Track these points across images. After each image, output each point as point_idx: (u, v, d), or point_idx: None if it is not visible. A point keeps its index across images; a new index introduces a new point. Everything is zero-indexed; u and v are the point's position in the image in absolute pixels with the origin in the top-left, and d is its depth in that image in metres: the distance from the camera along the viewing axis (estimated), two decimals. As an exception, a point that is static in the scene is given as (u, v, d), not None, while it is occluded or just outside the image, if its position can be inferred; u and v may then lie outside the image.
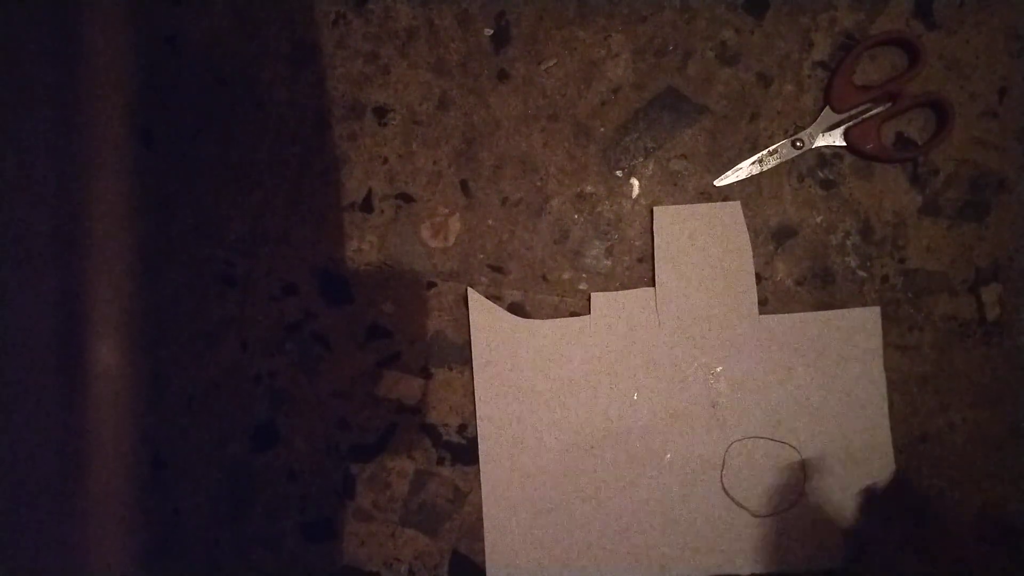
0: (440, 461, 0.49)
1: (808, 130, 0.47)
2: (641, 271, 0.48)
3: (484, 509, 0.48)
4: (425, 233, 0.49)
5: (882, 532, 0.46)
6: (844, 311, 0.47)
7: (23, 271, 0.50)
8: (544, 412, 0.48)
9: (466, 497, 0.49)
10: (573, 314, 0.48)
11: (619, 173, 0.49)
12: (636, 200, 0.48)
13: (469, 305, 0.48)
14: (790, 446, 0.47)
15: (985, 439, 0.47)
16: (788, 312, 0.47)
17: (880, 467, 0.46)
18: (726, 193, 0.48)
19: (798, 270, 0.47)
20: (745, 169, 0.48)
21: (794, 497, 0.46)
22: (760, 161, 0.47)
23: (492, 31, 0.49)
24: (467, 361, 0.49)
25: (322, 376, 0.50)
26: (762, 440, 0.47)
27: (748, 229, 0.47)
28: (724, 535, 0.47)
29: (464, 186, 0.49)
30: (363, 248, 0.50)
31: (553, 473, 0.48)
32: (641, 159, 0.49)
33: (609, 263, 0.48)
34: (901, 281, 0.47)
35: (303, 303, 0.50)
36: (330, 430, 0.50)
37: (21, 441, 0.49)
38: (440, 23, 0.50)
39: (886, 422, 0.46)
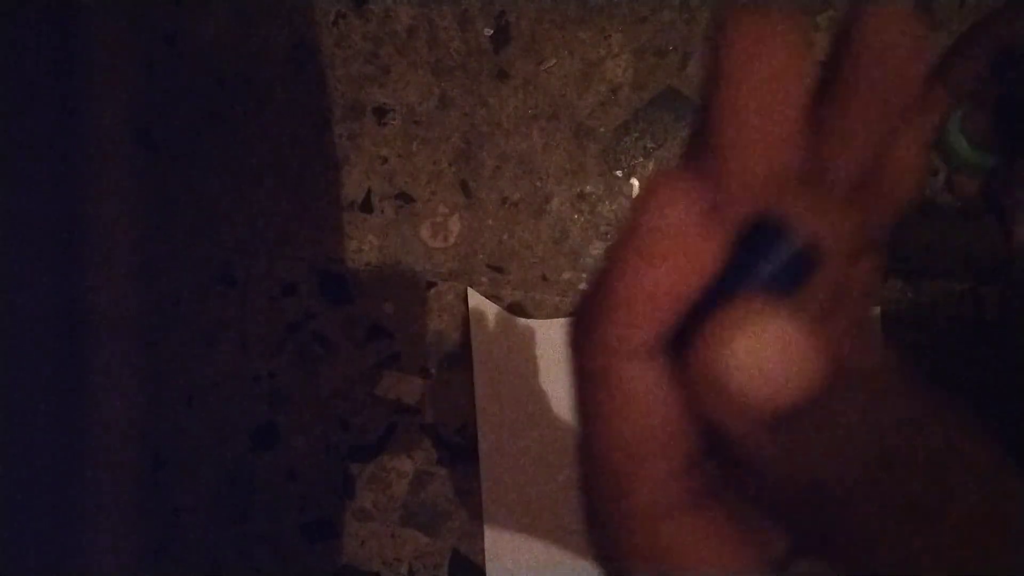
0: (440, 461, 0.49)
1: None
2: (641, 271, 0.48)
3: (484, 509, 0.48)
4: (425, 233, 0.49)
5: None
6: (844, 311, 0.47)
7: (23, 271, 0.50)
8: (544, 412, 0.48)
9: (466, 497, 0.49)
10: (573, 314, 0.48)
11: (619, 173, 0.49)
12: (636, 200, 0.48)
13: (469, 305, 0.48)
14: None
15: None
16: (788, 312, 0.47)
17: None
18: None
19: (798, 270, 0.47)
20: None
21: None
22: (760, 161, 0.47)
23: (492, 31, 0.49)
24: (467, 361, 0.49)
25: (322, 376, 0.50)
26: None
27: (748, 229, 0.47)
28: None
29: (464, 186, 0.49)
30: (363, 248, 0.50)
31: (553, 473, 0.48)
32: (641, 159, 0.49)
33: (609, 263, 0.48)
34: (901, 281, 0.47)
35: (303, 303, 0.50)
36: (330, 430, 0.50)
37: (21, 441, 0.49)
38: (440, 23, 0.50)
39: (886, 422, 0.46)
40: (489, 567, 0.48)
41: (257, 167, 0.51)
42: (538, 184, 0.49)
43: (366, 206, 0.50)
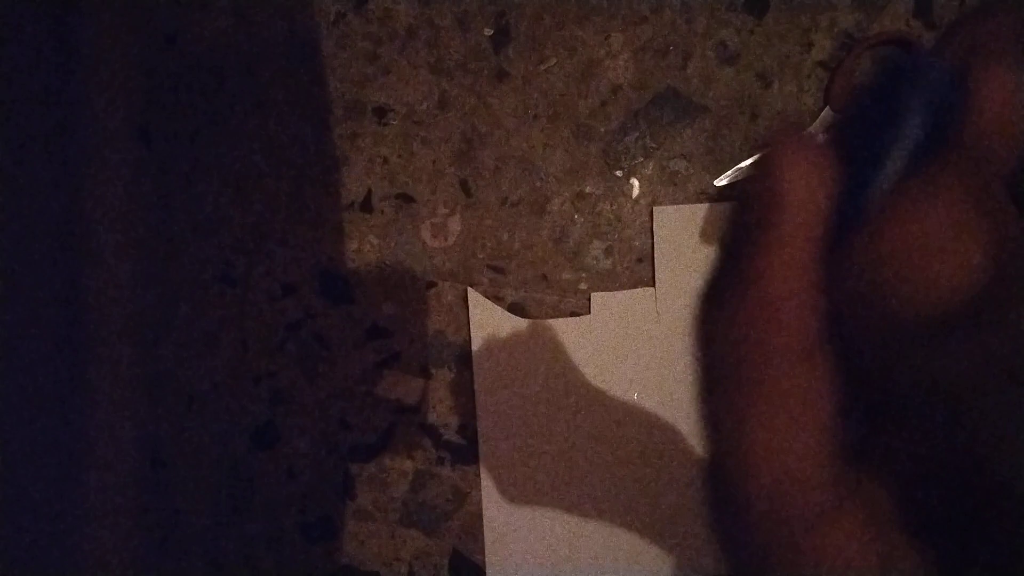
0: (440, 461, 0.49)
1: (808, 130, 0.47)
2: (641, 271, 0.48)
3: (484, 509, 0.48)
4: (425, 233, 0.49)
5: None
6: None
7: (23, 271, 0.50)
8: (544, 412, 0.48)
9: (466, 497, 0.49)
10: (573, 314, 0.48)
11: (619, 173, 0.49)
12: (636, 200, 0.48)
13: (469, 305, 0.48)
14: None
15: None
16: (788, 312, 0.47)
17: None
18: (726, 193, 0.48)
19: (798, 270, 0.47)
20: (745, 169, 0.48)
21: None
22: (760, 161, 0.47)
23: (492, 31, 0.49)
24: (467, 361, 0.49)
25: (322, 376, 0.50)
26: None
27: (748, 229, 0.47)
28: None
29: (464, 186, 0.49)
30: (363, 248, 0.50)
31: (553, 473, 0.48)
32: (641, 159, 0.49)
33: (609, 263, 0.48)
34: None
35: (303, 303, 0.50)
36: (330, 430, 0.50)
37: (21, 441, 0.49)
38: (440, 23, 0.50)
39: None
40: (489, 567, 0.48)
41: (257, 167, 0.51)
42: (538, 184, 0.49)
43: (366, 206, 0.50)
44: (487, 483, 0.48)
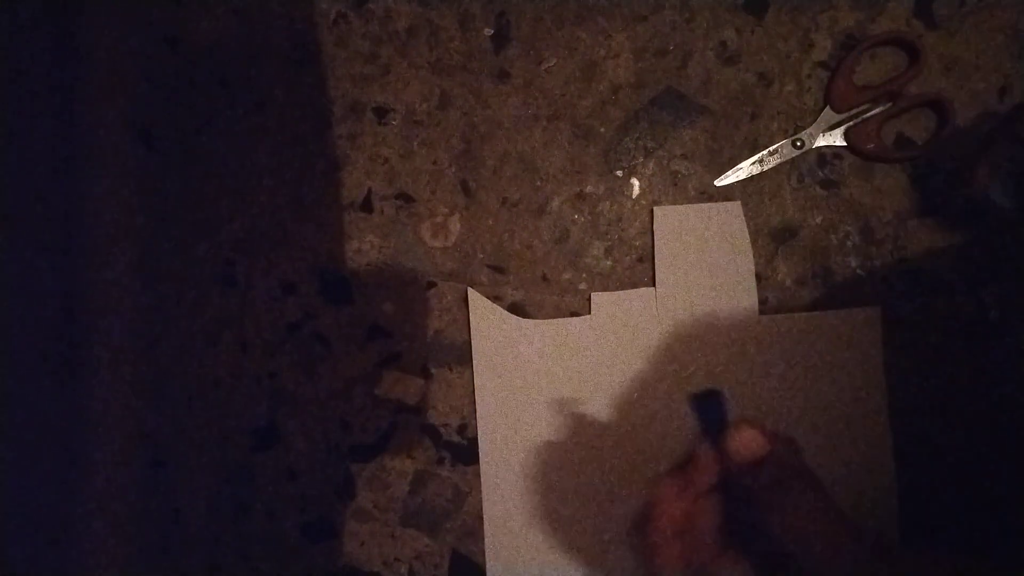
0: (440, 461, 0.49)
1: (808, 130, 0.47)
2: (641, 271, 0.48)
3: (484, 509, 0.48)
4: (425, 233, 0.49)
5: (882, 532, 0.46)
6: (844, 311, 0.47)
7: (23, 271, 0.50)
8: (544, 412, 0.48)
9: (466, 497, 0.49)
10: (573, 314, 0.48)
11: (619, 173, 0.49)
12: (636, 200, 0.48)
13: (469, 305, 0.48)
14: (790, 446, 0.46)
15: (985, 439, 0.46)
16: (788, 312, 0.47)
17: (880, 467, 0.46)
18: (726, 193, 0.48)
19: (798, 270, 0.47)
20: (745, 169, 0.48)
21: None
22: (760, 161, 0.47)
23: (492, 31, 0.49)
24: (467, 361, 0.49)
25: (322, 376, 0.50)
26: (762, 440, 0.47)
27: (748, 229, 0.47)
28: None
29: (464, 186, 0.49)
30: (363, 248, 0.50)
31: (553, 473, 0.48)
32: (641, 159, 0.49)
33: (609, 263, 0.48)
34: (901, 281, 0.47)
35: (303, 303, 0.50)
36: (330, 430, 0.50)
37: (21, 441, 0.49)
38: (440, 23, 0.50)
39: (886, 422, 0.46)
40: (489, 567, 0.48)
41: (257, 167, 0.51)
42: (538, 184, 0.49)
43: (366, 206, 0.50)
44: (487, 483, 0.48)
